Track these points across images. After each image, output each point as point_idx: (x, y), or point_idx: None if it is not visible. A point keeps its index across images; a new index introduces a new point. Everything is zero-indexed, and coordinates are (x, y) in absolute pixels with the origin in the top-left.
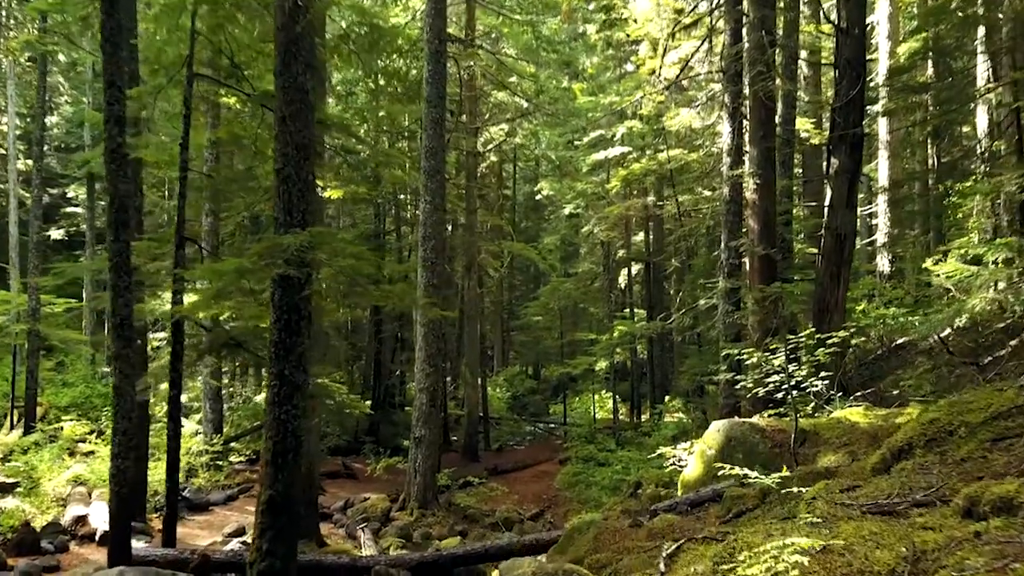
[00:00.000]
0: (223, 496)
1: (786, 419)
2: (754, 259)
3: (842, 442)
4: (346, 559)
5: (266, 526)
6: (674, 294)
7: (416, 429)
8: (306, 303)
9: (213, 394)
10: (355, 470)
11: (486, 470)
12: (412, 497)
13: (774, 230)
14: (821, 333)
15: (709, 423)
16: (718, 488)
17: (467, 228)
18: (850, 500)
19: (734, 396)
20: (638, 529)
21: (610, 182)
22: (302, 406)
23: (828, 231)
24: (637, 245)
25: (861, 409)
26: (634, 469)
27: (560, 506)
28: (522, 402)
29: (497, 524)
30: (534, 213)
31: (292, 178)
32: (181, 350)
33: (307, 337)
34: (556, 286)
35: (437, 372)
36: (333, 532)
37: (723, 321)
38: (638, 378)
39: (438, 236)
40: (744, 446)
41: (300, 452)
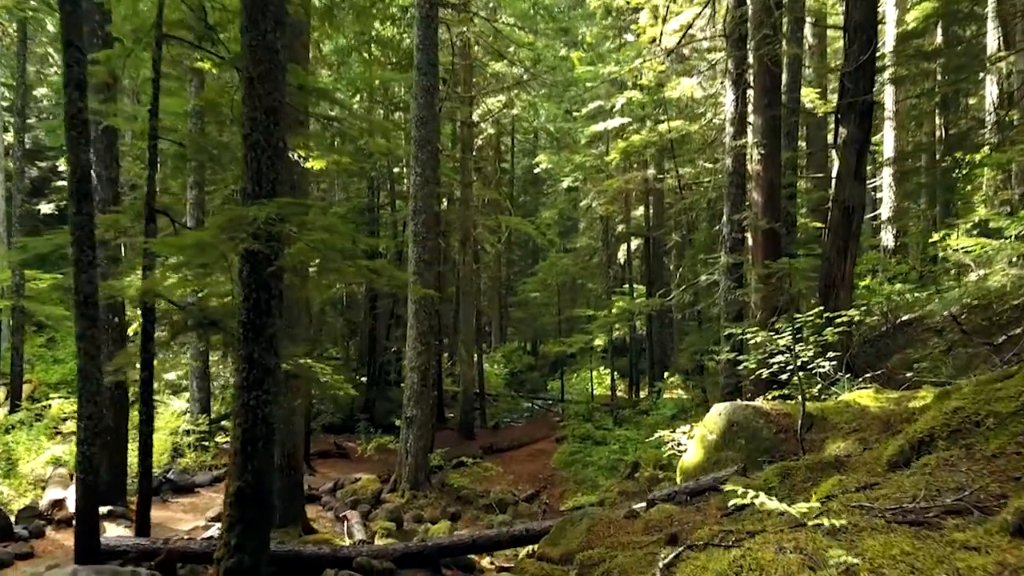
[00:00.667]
0: (209, 477)
1: (791, 402)
2: (757, 233)
3: (852, 428)
4: (326, 550)
5: (235, 519)
6: (674, 269)
7: (407, 409)
8: (277, 280)
9: (200, 373)
10: (347, 449)
11: (481, 449)
12: (403, 478)
13: (778, 203)
14: (827, 310)
15: (709, 401)
16: (719, 476)
17: (462, 202)
18: (869, 502)
19: (735, 376)
20: (634, 520)
21: (609, 154)
22: (273, 391)
23: (835, 204)
24: (637, 219)
25: (871, 391)
26: (632, 449)
27: (556, 486)
28: (520, 379)
29: (491, 506)
30: (533, 187)
31: (261, 145)
32: (152, 330)
33: (278, 317)
34: (554, 261)
35: (429, 350)
36: (321, 515)
37: (724, 298)
38: (637, 354)
39: (429, 210)
40: (747, 431)
41: (272, 440)
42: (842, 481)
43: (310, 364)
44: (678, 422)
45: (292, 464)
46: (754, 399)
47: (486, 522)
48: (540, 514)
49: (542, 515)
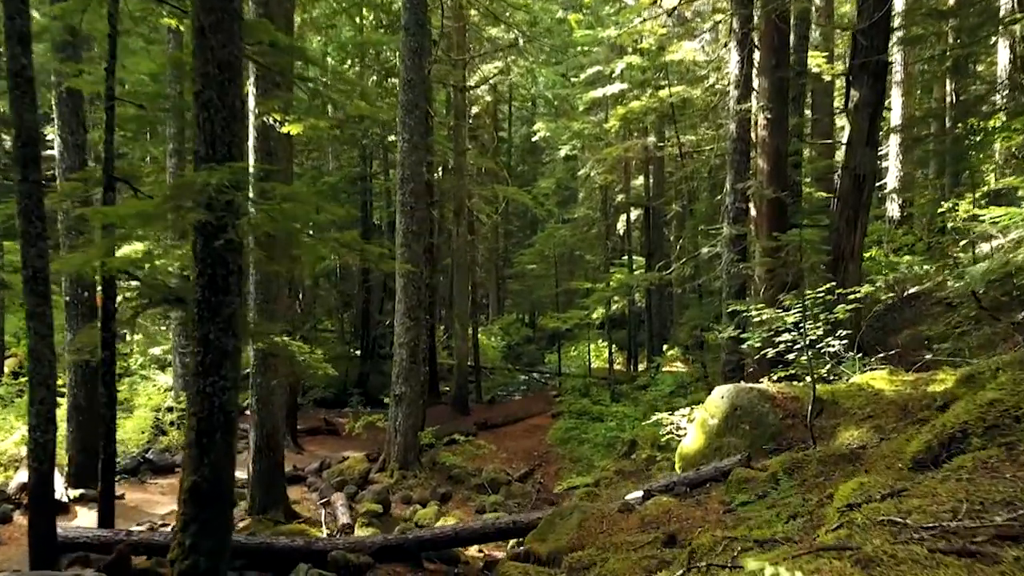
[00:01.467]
0: None
1: (799, 384)
2: (762, 203)
3: (865, 414)
4: (300, 542)
5: (190, 518)
6: (674, 240)
7: (396, 386)
8: (235, 255)
9: (184, 347)
10: (337, 426)
11: (475, 424)
12: (392, 458)
13: (785, 170)
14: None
15: (708, 376)
16: (722, 466)
17: (456, 171)
18: (901, 515)
19: (738, 353)
20: (628, 515)
21: (608, 121)
22: (232, 376)
23: (845, 171)
24: (636, 189)
25: (884, 373)
26: (629, 426)
27: (551, 464)
28: (516, 352)
29: (483, 486)
30: (531, 156)
31: (214, 103)
32: (113, 307)
33: (237, 295)
34: (552, 232)
35: (418, 325)
36: (306, 497)
37: (727, 271)
38: (635, 327)
39: (418, 178)
40: (751, 416)
41: (231, 430)
42: (864, 485)
43: (287, 342)
44: (677, 398)
45: (271, 446)
46: (757, 378)
47: (477, 503)
48: (533, 494)
49: (535, 495)
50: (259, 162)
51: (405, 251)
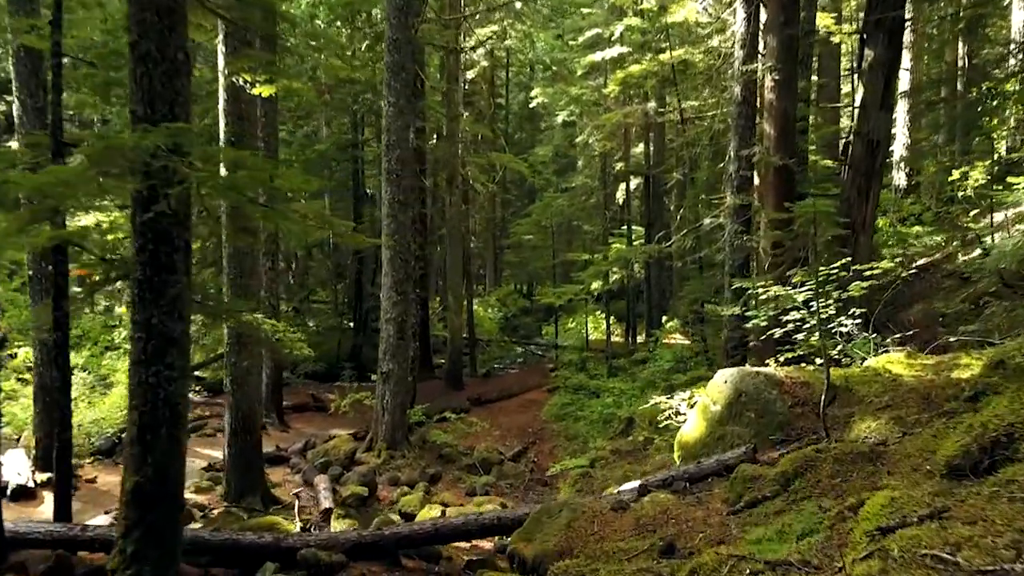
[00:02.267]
0: None
1: (808, 368)
2: (768, 171)
3: (883, 402)
4: (268, 538)
5: (133, 522)
6: (674, 210)
7: (383, 363)
8: (181, 229)
9: None
10: (325, 402)
11: (469, 400)
12: (380, 437)
13: (793, 136)
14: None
15: (709, 351)
16: (724, 459)
17: (448, 137)
18: (948, 550)
19: (740, 329)
20: (623, 514)
21: (607, 86)
22: (179, 365)
23: (857, 137)
24: (636, 157)
25: (902, 355)
26: (626, 403)
27: (546, 441)
28: (513, 323)
29: (474, 465)
30: (529, 123)
31: (153, 56)
32: (65, 283)
33: (184, 274)
34: (549, 202)
35: (406, 300)
36: (288, 479)
37: (730, 243)
38: (634, 298)
39: (405, 144)
40: (757, 403)
41: (179, 424)
42: (895, 501)
43: (260, 321)
44: (676, 374)
45: (247, 428)
46: (762, 357)
47: (467, 485)
48: (526, 475)
49: (528, 475)
50: (230, 127)
51: (391, 222)
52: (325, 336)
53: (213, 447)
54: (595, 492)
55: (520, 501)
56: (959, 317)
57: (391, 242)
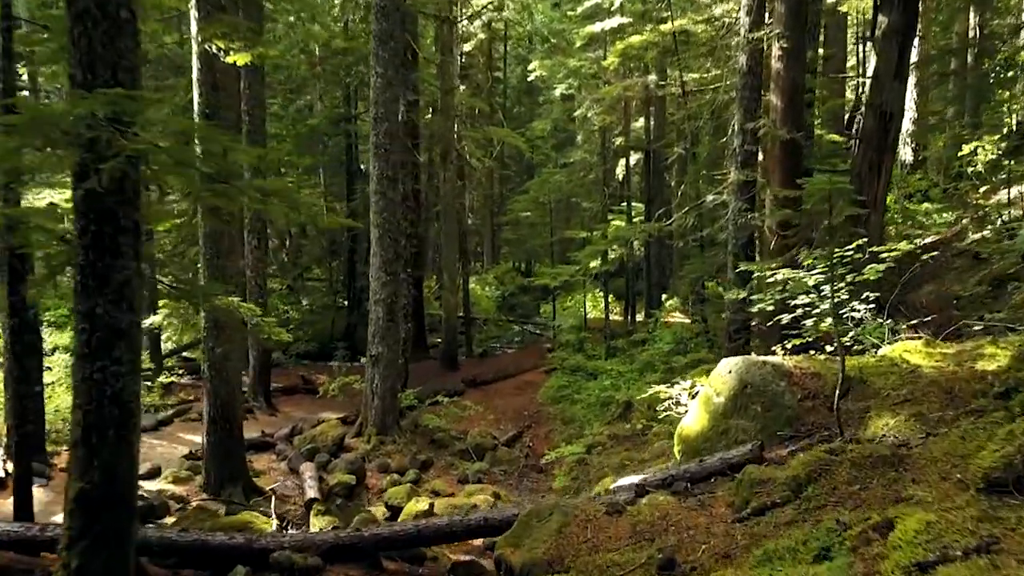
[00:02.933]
0: (152, 421)
1: (820, 358)
2: (775, 145)
3: (901, 396)
4: (239, 539)
5: (78, 533)
6: (675, 186)
7: (372, 346)
8: (129, 209)
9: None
10: (316, 383)
11: (463, 381)
12: (369, 422)
13: (802, 108)
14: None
15: (710, 332)
16: (729, 457)
17: (442, 111)
18: None
19: (744, 312)
20: (618, 519)
21: (607, 59)
22: (128, 359)
23: (870, 108)
24: (636, 132)
25: (920, 344)
26: (625, 386)
27: (542, 425)
28: (511, 302)
29: (467, 451)
30: (527, 97)
31: (92, 13)
32: (23, 267)
33: (132, 258)
34: (547, 178)
35: (396, 280)
36: (273, 466)
37: (733, 221)
38: (633, 276)
39: (393, 117)
40: (764, 396)
41: (130, 424)
42: (932, 527)
43: (236, 305)
44: (676, 356)
45: (227, 416)
46: (767, 343)
47: (460, 471)
48: (521, 460)
49: (523, 461)
50: (204, 98)
51: (380, 199)
52: (319, 315)
53: (196, 432)
54: (591, 481)
55: (514, 489)
56: (975, 300)
57: (379, 220)
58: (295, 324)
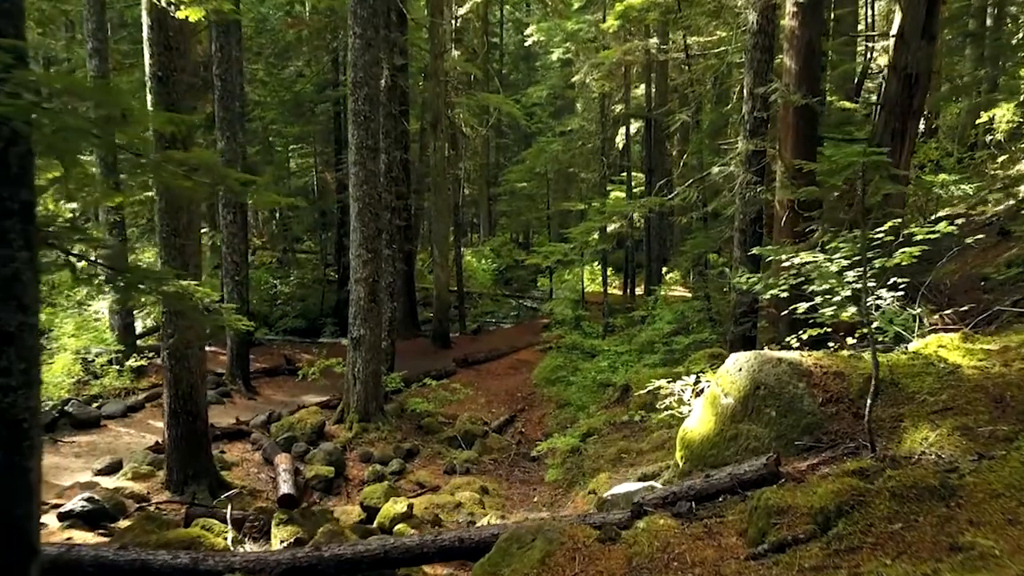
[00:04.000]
0: (121, 407)
1: (843, 354)
2: (788, 111)
3: (940, 403)
4: (185, 559)
5: None
6: (677, 156)
7: (354, 328)
8: (15, 187)
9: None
10: (299, 364)
11: (455, 361)
12: (351, 408)
13: (818, 71)
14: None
15: (713, 310)
16: (741, 472)
17: (432, 76)
18: None
19: (751, 294)
20: (611, 548)
21: (605, 21)
22: (20, 369)
23: (893, 71)
24: (637, 99)
25: (955, 338)
26: (623, 367)
27: (535, 408)
28: (507, 276)
29: (455, 438)
30: (524, 63)
31: None
32: None
33: (23, 248)
34: (543, 147)
35: (378, 259)
36: (247, 457)
37: (741, 195)
38: (633, 247)
39: (374, 82)
40: (780, 399)
41: (21, 446)
42: None
43: (190, 290)
44: (678, 337)
45: (189, 409)
46: (777, 328)
47: (447, 461)
48: (512, 449)
49: (515, 450)
50: (156, 59)
51: (359, 170)
52: (310, 289)
53: None
54: (585, 474)
55: (504, 480)
56: (1006, 283)
57: (359, 193)
58: (283, 299)
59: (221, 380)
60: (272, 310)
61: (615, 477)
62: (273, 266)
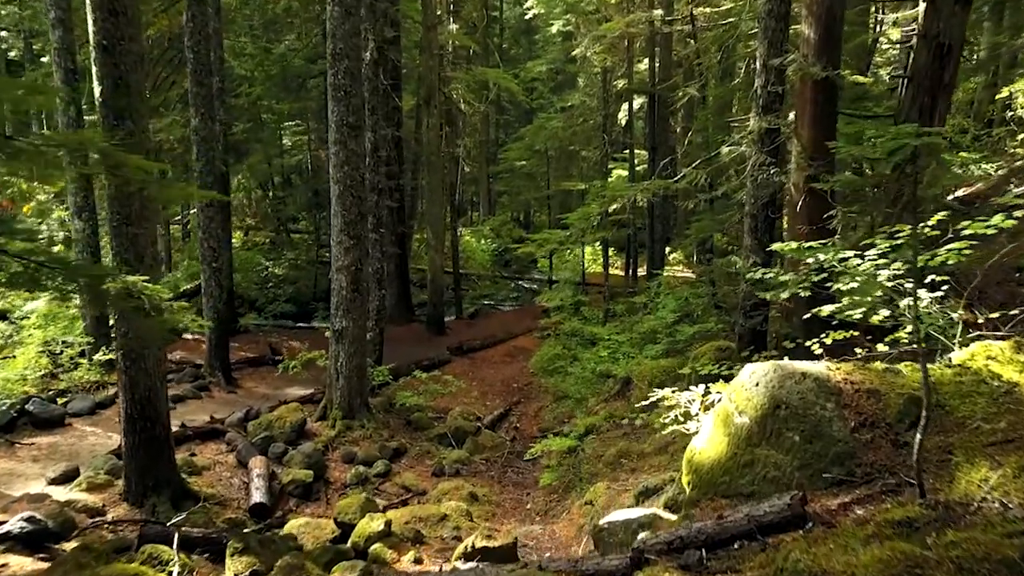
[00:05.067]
0: (89, 404)
1: (876, 366)
2: (806, 85)
3: (1000, 433)
4: None
5: None
6: (681, 132)
7: (336, 320)
8: None
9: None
10: (284, 353)
11: (449, 349)
12: (334, 404)
13: (840, 41)
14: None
15: (717, 294)
16: (760, 514)
17: (425, 49)
18: None
19: (763, 284)
20: None
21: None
22: None
23: (923, 40)
24: (640, 74)
25: (1007, 348)
26: (624, 358)
27: (532, 400)
28: (507, 257)
29: (445, 436)
30: (525, 37)
31: None
32: None
33: None
34: (542, 124)
35: (360, 245)
36: (220, 460)
37: (753, 177)
38: (635, 229)
39: (355, 54)
40: (804, 422)
41: None
42: None
43: (135, 284)
44: (682, 326)
45: (148, 414)
46: (791, 323)
47: (435, 461)
48: (506, 447)
49: (508, 447)
50: (100, 26)
51: (340, 149)
52: (303, 271)
53: None
54: (582, 479)
55: (496, 483)
56: None
57: (340, 175)
58: (275, 282)
59: (199, 372)
60: (264, 293)
61: (613, 487)
62: (266, 247)
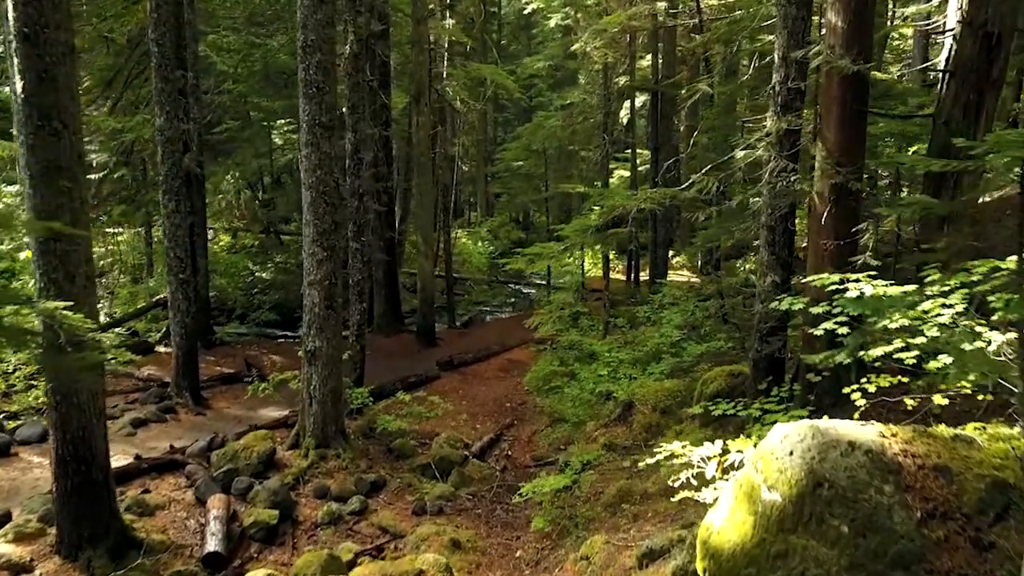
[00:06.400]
0: (40, 430)
1: (942, 431)
2: (833, 81)
3: None
4: None
5: None
6: (685, 131)
7: (308, 340)
8: None
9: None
10: (262, 369)
11: (438, 364)
12: (307, 431)
13: (870, 31)
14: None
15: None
16: None
17: (414, 44)
18: None
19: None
20: None
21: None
22: None
23: (968, 29)
24: (643, 71)
25: None
26: (625, 378)
27: (526, 423)
28: (504, 261)
29: (429, 466)
30: (524, 33)
31: None
32: None
33: None
34: (540, 123)
35: (335, 257)
36: (176, 498)
37: (770, 184)
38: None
39: (327, 47)
40: (855, 509)
41: None
42: None
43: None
44: (688, 344)
45: (82, 455)
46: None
47: (417, 496)
48: (496, 479)
49: (498, 480)
50: (20, 9)
51: (312, 152)
52: (292, 275)
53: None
54: (577, 526)
55: (483, 524)
56: None
57: (312, 180)
58: (262, 287)
59: (166, 393)
60: (251, 299)
61: (613, 541)
62: (254, 250)
